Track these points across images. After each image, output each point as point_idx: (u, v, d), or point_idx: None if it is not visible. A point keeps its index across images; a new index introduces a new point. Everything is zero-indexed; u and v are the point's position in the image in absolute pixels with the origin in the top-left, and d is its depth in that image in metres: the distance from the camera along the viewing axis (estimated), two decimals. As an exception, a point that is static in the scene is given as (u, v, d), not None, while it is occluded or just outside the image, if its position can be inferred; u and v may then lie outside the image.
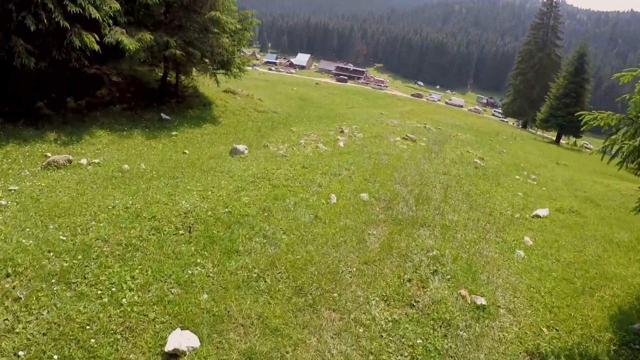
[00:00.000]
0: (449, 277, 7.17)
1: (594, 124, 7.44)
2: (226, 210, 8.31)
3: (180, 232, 7.44)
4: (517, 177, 16.81)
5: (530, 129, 69.23)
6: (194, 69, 20.57)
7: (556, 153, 35.33)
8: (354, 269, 7.03)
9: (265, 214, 8.38)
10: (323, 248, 7.47)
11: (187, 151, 14.77)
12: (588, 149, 72.23)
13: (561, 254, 9.30)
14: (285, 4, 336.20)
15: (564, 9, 72.40)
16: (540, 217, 11.63)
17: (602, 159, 8.90)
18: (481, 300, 6.64)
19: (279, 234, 7.74)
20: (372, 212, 9.31)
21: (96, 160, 12.25)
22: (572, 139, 57.25)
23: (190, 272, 6.41)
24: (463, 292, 6.74)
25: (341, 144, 15.94)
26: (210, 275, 6.42)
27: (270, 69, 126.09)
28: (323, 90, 50.83)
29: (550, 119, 51.10)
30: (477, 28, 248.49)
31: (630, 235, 11.44)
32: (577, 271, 8.58)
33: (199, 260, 6.68)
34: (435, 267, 7.36)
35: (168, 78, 21.23)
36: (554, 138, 55.47)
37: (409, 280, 6.91)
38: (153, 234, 7.28)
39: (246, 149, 14.27)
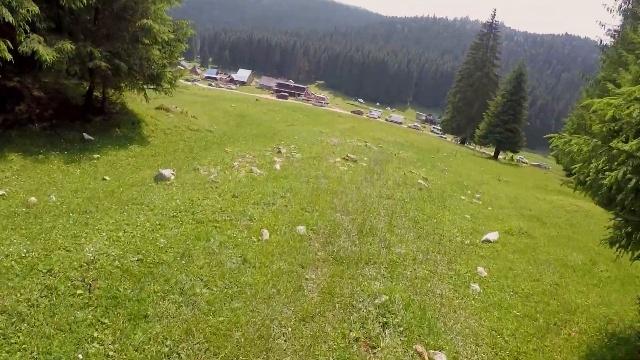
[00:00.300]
0: (401, 329, 6.18)
1: (566, 149, 6.68)
2: (137, 257, 6.96)
3: (79, 291, 6.01)
4: (463, 197, 16.30)
5: (468, 145, 71.06)
6: (122, 83, 18.76)
7: (496, 169, 35.80)
8: (290, 330, 5.88)
9: (184, 261, 7.11)
10: (252, 303, 6.29)
11: (107, 177, 13.23)
12: (524, 162, 75.27)
13: (518, 284, 8.61)
14: (229, 19, 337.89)
15: (503, 30, 75.52)
16: (491, 241, 10.99)
17: (575, 190, 8.18)
18: (440, 357, 5.63)
19: (199, 287, 6.49)
20: (310, 250, 8.23)
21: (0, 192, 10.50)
22: (509, 154, 59.06)
23: (85, 350, 5.02)
24: (419, 347, 5.76)
25: (277, 166, 14.83)
26: (110, 354, 5.05)
27: (210, 85, 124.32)
28: (263, 107, 49.63)
29: (489, 135, 52.74)
30: (418, 47, 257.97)
31: (584, 257, 11.03)
32: (538, 304, 7.89)
33: (96, 334, 5.29)
34: (385, 319, 6.35)
35: (95, 93, 19.39)
36: (492, 153, 57.04)
37: (356, 340, 5.85)
38: (45, 296, 5.81)
39: (173, 173, 12.92)
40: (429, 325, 6.36)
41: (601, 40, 35.24)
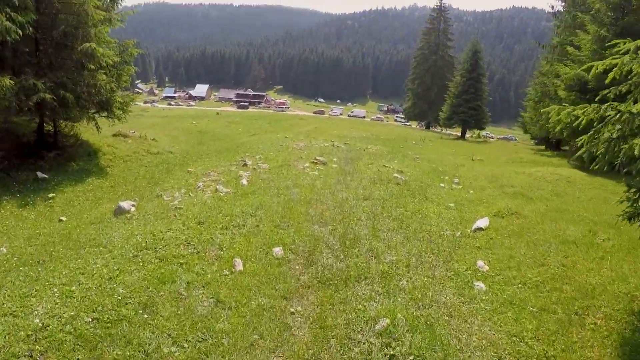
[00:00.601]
0: (412, 358, 5.20)
1: (569, 121, 5.87)
2: (93, 317, 5.82)
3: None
4: (442, 184, 15.60)
5: (434, 129, 71.41)
6: (71, 114, 17.35)
7: (467, 149, 35.49)
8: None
9: (147, 314, 6.02)
10: (232, 356, 5.27)
11: (64, 217, 11.99)
12: (490, 138, 75.94)
13: (523, 273, 7.83)
14: (180, 36, 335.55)
15: (452, 12, 76.32)
16: (483, 229, 10.24)
17: (590, 164, 7.31)
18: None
19: (166, 345, 5.44)
20: (291, 275, 7.26)
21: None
22: (476, 132, 59.38)
23: None
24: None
25: (244, 181, 13.79)
26: None
27: (169, 104, 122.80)
28: (223, 120, 48.22)
29: (454, 116, 52.82)
30: (370, 40, 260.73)
31: (581, 228, 10.38)
32: (551, 293, 7.13)
33: None
34: (391, 350, 5.40)
35: (46, 127, 17.98)
36: (459, 134, 57.14)
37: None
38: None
39: (133, 205, 11.80)
40: (442, 346, 5.47)
41: (553, 7, 35.54)
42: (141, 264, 7.36)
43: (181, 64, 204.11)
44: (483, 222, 10.54)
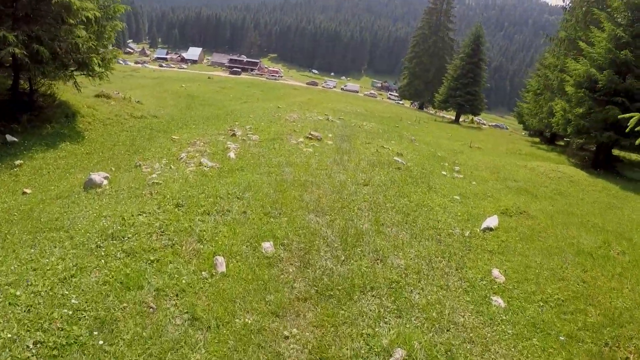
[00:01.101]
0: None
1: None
2: (36, 338, 4.56)
3: None
4: (444, 172, 14.65)
5: (427, 110, 70.77)
6: (46, 71, 15.78)
7: (463, 134, 34.75)
8: None
9: (104, 335, 4.76)
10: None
11: (28, 190, 10.78)
12: (483, 124, 75.39)
13: (543, 288, 6.92)
14: None
15: None
16: (492, 229, 9.27)
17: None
18: None
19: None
20: (284, 281, 6.13)
21: None
22: (470, 117, 58.89)
23: None
24: None
25: (232, 154, 12.59)
26: None
27: (161, 65, 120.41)
28: (215, 85, 46.40)
29: (450, 99, 52.33)
30: (370, 15, 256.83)
31: (596, 238, 9.51)
32: (576, 316, 6.25)
33: None
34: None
35: (21, 85, 16.48)
36: (453, 117, 56.48)
37: None
38: None
39: (106, 177, 10.53)
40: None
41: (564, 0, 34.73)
42: (104, 260, 6.09)
43: (175, 25, 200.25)
44: (492, 221, 9.58)
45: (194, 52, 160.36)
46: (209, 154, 12.80)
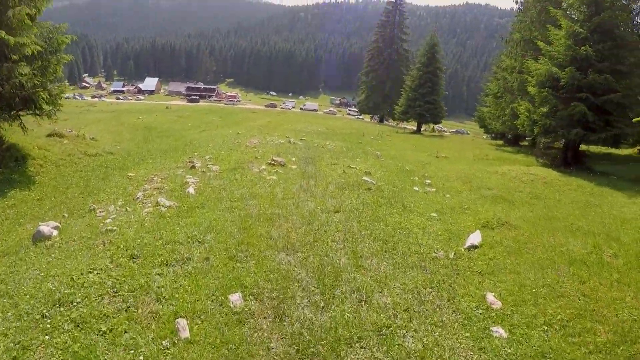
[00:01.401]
0: None
1: None
2: None
3: None
4: (415, 187, 14.18)
5: (387, 123, 71.14)
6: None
7: (427, 144, 34.69)
8: None
9: None
10: None
11: (-31, 249, 9.57)
12: (444, 131, 76.47)
13: (544, 309, 6.44)
14: (130, 26, 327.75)
15: (406, 7, 76.34)
16: (477, 246, 8.78)
17: None
18: None
19: None
20: (257, 340, 5.30)
21: None
22: (431, 126, 59.41)
23: None
24: None
25: (191, 189, 11.74)
26: None
27: (118, 98, 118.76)
28: (173, 114, 45.03)
29: (410, 110, 52.52)
30: (323, 32, 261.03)
31: (583, 242, 9.12)
32: (585, 338, 5.75)
33: None
34: None
35: None
36: (414, 128, 56.83)
37: None
38: None
39: (56, 227, 9.50)
40: None
41: (517, 1, 35.58)
42: (49, 334, 5.18)
43: (130, 56, 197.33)
44: (475, 238, 9.06)
45: (150, 83, 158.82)
46: (167, 191, 11.92)
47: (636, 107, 20.15)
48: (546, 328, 5.89)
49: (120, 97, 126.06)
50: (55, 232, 9.31)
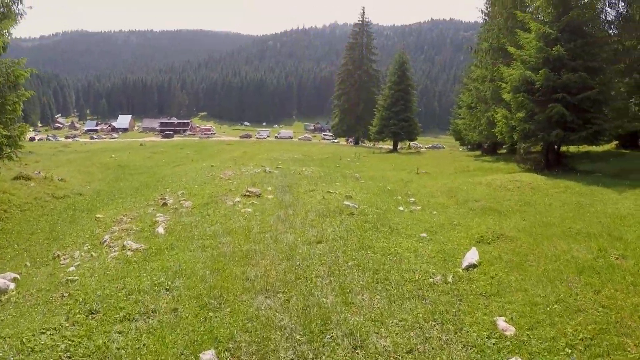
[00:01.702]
0: None
1: None
2: None
3: None
4: (400, 207, 13.52)
5: (363, 144, 71.33)
6: None
7: (405, 161, 34.37)
8: None
9: None
10: None
11: None
12: (419, 147, 76.86)
13: (563, 328, 5.62)
14: (101, 63, 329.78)
15: (372, 28, 77.44)
16: (476, 265, 8.05)
17: None
18: None
19: None
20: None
21: None
22: (407, 143, 59.56)
23: None
24: None
25: (161, 229, 10.90)
26: None
27: (92, 137, 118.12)
28: (147, 151, 43.89)
29: (384, 129, 52.81)
30: (293, 60, 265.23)
31: (587, 246, 8.50)
32: (614, 356, 4.98)
33: None
34: None
35: None
36: (390, 147, 56.96)
37: None
38: None
39: (14, 279, 8.74)
40: None
41: (482, 11, 36.16)
42: None
43: (102, 94, 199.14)
44: (472, 256, 8.33)
45: (123, 120, 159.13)
46: (135, 232, 11.10)
47: (612, 102, 20.08)
48: (570, 351, 5.12)
49: (94, 136, 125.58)
50: (12, 285, 8.45)
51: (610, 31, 24.08)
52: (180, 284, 7.22)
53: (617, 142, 28.53)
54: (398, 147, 55.73)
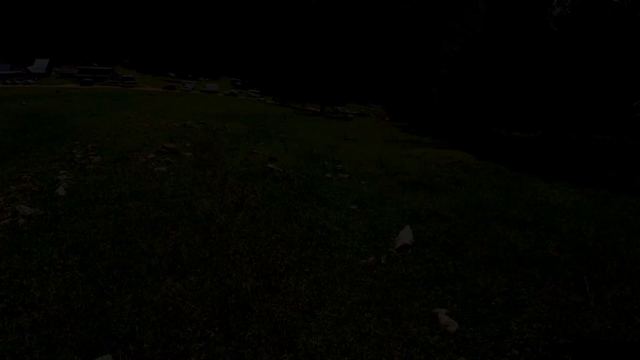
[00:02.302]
0: None
1: None
2: None
3: None
4: (328, 174, 12.75)
5: (290, 104, 70.40)
6: None
7: (332, 126, 33.69)
8: None
9: None
10: None
11: None
12: (346, 113, 77.20)
13: (508, 325, 5.14)
14: None
15: None
16: (410, 245, 7.48)
17: None
18: None
19: None
20: None
21: None
22: (334, 107, 59.73)
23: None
24: None
25: (62, 190, 9.32)
26: None
27: (5, 83, 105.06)
28: (62, 99, 39.41)
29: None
30: None
31: (523, 234, 8.17)
32: None
33: None
34: None
35: None
36: (317, 110, 56.48)
37: None
38: None
39: None
40: None
41: None
42: None
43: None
44: (406, 235, 7.73)
45: (40, 65, 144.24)
46: (32, 194, 9.39)
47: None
48: (517, 352, 4.64)
49: (8, 81, 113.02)
50: None
51: None
52: (76, 261, 6.01)
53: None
54: (325, 110, 55.02)
